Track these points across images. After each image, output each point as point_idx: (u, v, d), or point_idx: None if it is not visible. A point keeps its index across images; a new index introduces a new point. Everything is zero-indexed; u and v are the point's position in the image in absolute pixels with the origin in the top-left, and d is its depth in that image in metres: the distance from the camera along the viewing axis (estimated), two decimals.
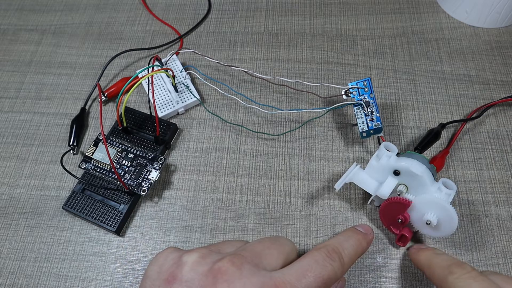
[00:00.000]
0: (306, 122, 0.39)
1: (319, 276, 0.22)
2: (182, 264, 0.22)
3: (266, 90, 0.41)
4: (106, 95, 0.41)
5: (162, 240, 0.35)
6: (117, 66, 0.44)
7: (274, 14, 0.46)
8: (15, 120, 0.41)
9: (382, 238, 0.34)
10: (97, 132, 0.40)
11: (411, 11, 0.45)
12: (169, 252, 0.24)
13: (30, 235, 0.35)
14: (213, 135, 0.39)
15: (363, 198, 0.35)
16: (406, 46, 0.43)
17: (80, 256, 0.34)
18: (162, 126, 0.38)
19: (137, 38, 0.45)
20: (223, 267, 0.22)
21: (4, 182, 0.38)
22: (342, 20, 0.45)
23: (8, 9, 0.49)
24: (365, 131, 0.35)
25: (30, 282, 0.33)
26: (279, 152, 0.38)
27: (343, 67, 0.42)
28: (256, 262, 0.23)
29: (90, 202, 0.35)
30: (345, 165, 0.37)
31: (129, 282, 0.33)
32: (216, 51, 0.44)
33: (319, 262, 0.23)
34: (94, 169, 0.36)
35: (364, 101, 0.35)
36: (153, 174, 0.35)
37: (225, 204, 0.36)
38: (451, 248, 0.33)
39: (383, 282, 0.32)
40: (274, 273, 0.22)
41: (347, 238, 0.26)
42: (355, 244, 0.26)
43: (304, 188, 0.36)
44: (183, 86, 0.40)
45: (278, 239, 0.25)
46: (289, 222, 0.35)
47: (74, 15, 0.48)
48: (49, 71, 0.44)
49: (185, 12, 0.47)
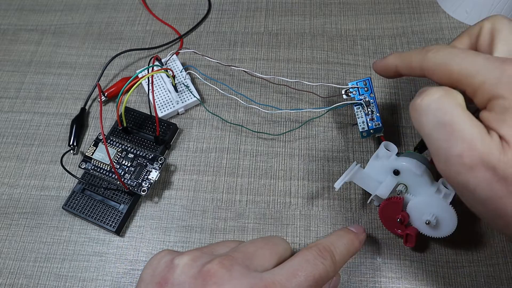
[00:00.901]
0: (306, 122, 0.39)
1: (310, 275, 0.22)
2: (174, 267, 0.22)
3: (266, 90, 0.41)
4: (106, 95, 0.41)
5: (162, 240, 0.35)
6: (117, 66, 0.44)
7: (274, 14, 0.46)
8: (15, 120, 0.41)
9: (382, 238, 0.34)
10: (97, 132, 0.40)
11: (411, 11, 0.45)
12: (162, 255, 0.24)
13: (30, 235, 0.35)
14: (213, 135, 0.39)
15: (363, 198, 0.35)
16: (406, 46, 0.43)
17: (80, 256, 0.34)
18: (162, 126, 0.38)
19: (137, 38, 0.45)
20: (212, 269, 0.22)
21: (4, 182, 0.38)
22: (342, 20, 0.45)
23: (8, 9, 0.49)
24: (365, 131, 0.35)
25: (30, 282, 0.33)
26: (279, 152, 0.38)
27: (343, 67, 0.42)
28: (247, 263, 0.22)
29: (90, 202, 0.35)
30: (345, 165, 0.37)
31: (129, 282, 0.33)
32: (216, 51, 0.44)
33: (310, 261, 0.23)
34: (94, 169, 0.36)
35: (364, 100, 0.35)
36: (153, 174, 0.35)
37: (225, 204, 0.36)
38: (451, 248, 0.33)
39: (383, 282, 0.32)
40: (264, 274, 0.22)
41: (339, 237, 0.26)
42: (347, 243, 0.26)
43: (304, 188, 0.36)
44: (183, 86, 0.40)
45: (271, 239, 0.25)
46: (289, 222, 0.35)
47: (74, 15, 0.48)
48: (49, 71, 0.44)
49: (185, 12, 0.47)
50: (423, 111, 0.23)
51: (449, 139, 0.22)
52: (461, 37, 0.27)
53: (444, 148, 0.22)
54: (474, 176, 0.21)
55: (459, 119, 0.22)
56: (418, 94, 0.24)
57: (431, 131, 0.23)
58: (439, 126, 0.22)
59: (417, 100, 0.23)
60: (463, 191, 0.23)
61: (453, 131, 0.22)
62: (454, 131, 0.22)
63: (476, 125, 0.22)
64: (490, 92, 0.22)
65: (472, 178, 0.21)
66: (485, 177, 0.21)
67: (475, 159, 0.21)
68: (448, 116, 0.22)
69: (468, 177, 0.21)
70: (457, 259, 0.32)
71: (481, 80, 0.22)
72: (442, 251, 0.33)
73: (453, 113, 0.22)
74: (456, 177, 0.22)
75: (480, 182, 0.21)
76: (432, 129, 0.23)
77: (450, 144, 0.22)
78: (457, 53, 0.24)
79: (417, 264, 0.33)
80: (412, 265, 0.33)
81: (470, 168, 0.21)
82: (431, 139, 0.23)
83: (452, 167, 0.22)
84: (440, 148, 0.22)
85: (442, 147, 0.22)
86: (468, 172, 0.21)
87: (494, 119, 0.22)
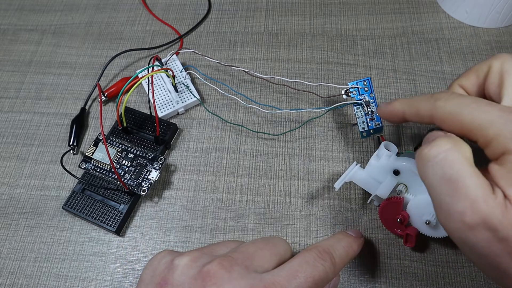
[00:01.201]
0: (306, 122, 0.39)
1: (310, 277, 0.22)
2: (173, 268, 0.23)
3: (266, 90, 0.41)
4: (106, 95, 0.41)
5: (162, 240, 0.35)
6: (117, 66, 0.44)
7: (274, 14, 0.46)
8: (15, 120, 0.41)
9: (382, 238, 0.34)
10: (97, 132, 0.40)
11: (411, 11, 0.45)
12: (162, 255, 0.24)
13: (30, 235, 0.35)
14: (213, 135, 0.39)
15: (363, 198, 0.35)
16: (406, 46, 0.43)
17: (80, 256, 0.34)
18: (162, 126, 0.38)
19: (137, 38, 0.45)
20: (211, 270, 0.22)
21: (4, 182, 0.38)
22: (342, 20, 0.45)
23: (8, 9, 0.49)
24: (365, 131, 0.35)
25: (30, 282, 0.33)
26: (279, 152, 0.38)
27: (343, 67, 0.42)
28: (246, 264, 0.22)
29: (90, 202, 0.35)
30: (345, 165, 0.37)
31: (129, 282, 0.33)
32: (216, 51, 0.44)
33: (310, 262, 0.23)
34: (94, 169, 0.36)
35: (364, 100, 0.35)
36: (153, 174, 0.35)
37: (225, 204, 0.36)
38: (451, 248, 0.33)
39: (383, 282, 0.32)
40: (264, 275, 0.22)
41: (338, 240, 0.26)
42: (346, 246, 0.26)
43: (304, 188, 0.36)
44: (183, 86, 0.40)
45: (272, 240, 0.25)
46: (289, 222, 0.35)
47: (74, 15, 0.48)
48: (49, 71, 0.44)
49: (185, 12, 0.47)
50: (429, 162, 0.22)
51: (453, 195, 0.21)
52: (469, 75, 0.27)
53: (446, 203, 0.22)
54: (474, 235, 0.21)
55: (465, 176, 0.21)
56: (426, 143, 0.23)
57: (435, 183, 0.22)
58: (444, 181, 0.22)
59: (424, 149, 0.23)
60: (461, 245, 0.23)
61: (457, 188, 0.21)
62: (458, 188, 0.21)
63: (481, 184, 0.21)
64: (504, 146, 0.21)
65: (472, 236, 0.21)
66: (485, 237, 0.21)
67: (476, 220, 0.21)
68: (454, 171, 0.22)
69: (468, 234, 0.21)
70: (457, 259, 0.33)
71: (495, 132, 0.22)
72: (442, 251, 0.33)
73: (460, 169, 0.21)
74: (456, 232, 0.22)
75: (480, 241, 0.21)
76: (437, 182, 0.22)
77: (453, 200, 0.21)
78: (469, 103, 0.23)
79: (417, 264, 0.33)
80: (412, 265, 0.33)
81: (471, 227, 0.21)
82: (434, 191, 0.23)
83: (453, 223, 0.22)
84: (442, 202, 0.22)
85: (444, 202, 0.22)
86: (469, 230, 0.21)
87: (503, 176, 0.21)
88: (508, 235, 0.20)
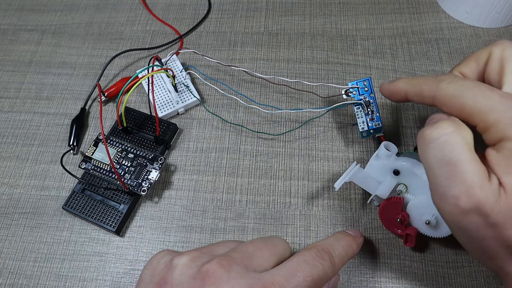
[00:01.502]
0: (306, 122, 0.39)
1: (309, 276, 0.22)
2: (173, 267, 0.23)
3: (266, 90, 0.41)
4: (106, 95, 0.41)
5: (162, 240, 0.35)
6: (117, 66, 0.44)
7: (274, 14, 0.46)
8: (15, 120, 0.41)
9: (382, 238, 0.34)
10: (97, 132, 0.40)
11: (411, 11, 0.45)
12: (162, 255, 0.24)
13: (30, 235, 0.35)
14: (213, 135, 0.39)
15: (363, 198, 0.35)
16: (406, 46, 0.43)
17: (80, 256, 0.34)
18: (162, 126, 0.38)
19: (137, 38, 0.45)
20: (210, 269, 0.22)
21: (4, 182, 0.38)
22: (342, 20, 0.45)
23: (8, 9, 0.49)
24: (365, 131, 0.35)
25: (30, 282, 0.33)
26: (279, 152, 0.38)
27: (343, 67, 0.42)
28: (245, 263, 0.22)
29: (90, 202, 0.35)
30: (345, 165, 0.37)
31: (129, 282, 0.33)
32: (216, 51, 0.44)
33: (309, 261, 0.23)
34: (94, 169, 0.36)
35: (364, 100, 0.35)
36: (153, 174, 0.35)
37: (225, 204, 0.36)
38: (451, 248, 0.33)
39: (383, 282, 0.32)
40: (263, 274, 0.22)
41: (338, 239, 0.26)
42: (346, 245, 0.26)
43: (304, 188, 0.36)
44: (183, 86, 0.40)
45: (271, 240, 0.25)
46: (289, 222, 0.35)
47: (74, 15, 0.48)
48: (49, 71, 0.44)
49: (185, 12, 0.47)
50: (431, 144, 0.23)
51: (450, 179, 0.22)
52: (469, 62, 0.27)
53: (443, 186, 0.22)
54: (466, 219, 0.22)
55: (464, 161, 0.22)
56: (429, 124, 0.24)
57: (434, 165, 0.23)
58: (443, 164, 0.22)
59: (426, 131, 0.23)
60: (452, 226, 0.24)
61: (455, 172, 0.22)
62: (456, 172, 0.22)
63: (478, 170, 0.21)
64: (503, 132, 0.22)
65: (464, 220, 0.22)
66: (476, 221, 0.22)
67: (470, 205, 0.21)
68: (454, 155, 0.22)
69: (460, 218, 0.22)
70: (457, 259, 0.33)
71: (495, 118, 0.22)
72: (442, 251, 0.33)
73: (460, 153, 0.22)
74: (449, 215, 0.23)
75: (470, 225, 0.22)
76: (436, 164, 0.23)
77: (450, 184, 0.22)
78: (471, 86, 0.23)
79: (417, 264, 0.33)
80: (412, 265, 0.33)
81: (463, 211, 0.22)
82: (432, 173, 0.23)
83: (447, 206, 0.22)
84: (439, 185, 0.23)
85: (441, 184, 0.22)
86: (461, 214, 0.22)
87: (499, 163, 0.22)
88: (498, 221, 0.21)
